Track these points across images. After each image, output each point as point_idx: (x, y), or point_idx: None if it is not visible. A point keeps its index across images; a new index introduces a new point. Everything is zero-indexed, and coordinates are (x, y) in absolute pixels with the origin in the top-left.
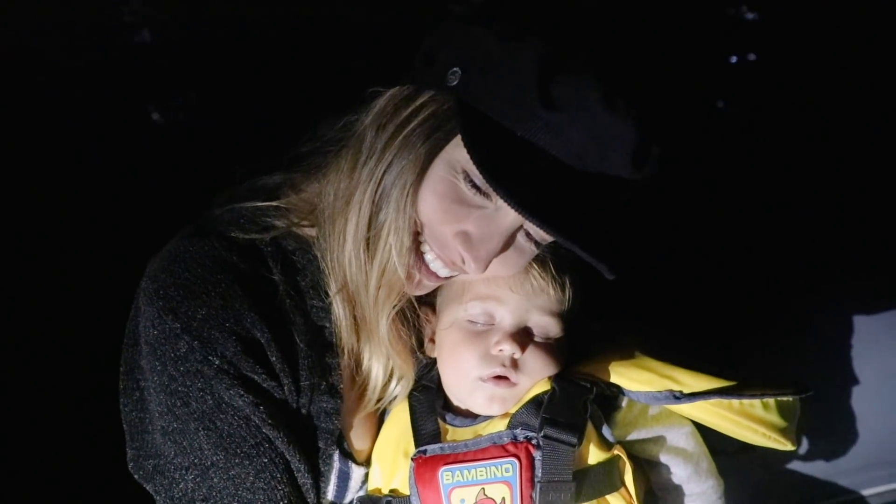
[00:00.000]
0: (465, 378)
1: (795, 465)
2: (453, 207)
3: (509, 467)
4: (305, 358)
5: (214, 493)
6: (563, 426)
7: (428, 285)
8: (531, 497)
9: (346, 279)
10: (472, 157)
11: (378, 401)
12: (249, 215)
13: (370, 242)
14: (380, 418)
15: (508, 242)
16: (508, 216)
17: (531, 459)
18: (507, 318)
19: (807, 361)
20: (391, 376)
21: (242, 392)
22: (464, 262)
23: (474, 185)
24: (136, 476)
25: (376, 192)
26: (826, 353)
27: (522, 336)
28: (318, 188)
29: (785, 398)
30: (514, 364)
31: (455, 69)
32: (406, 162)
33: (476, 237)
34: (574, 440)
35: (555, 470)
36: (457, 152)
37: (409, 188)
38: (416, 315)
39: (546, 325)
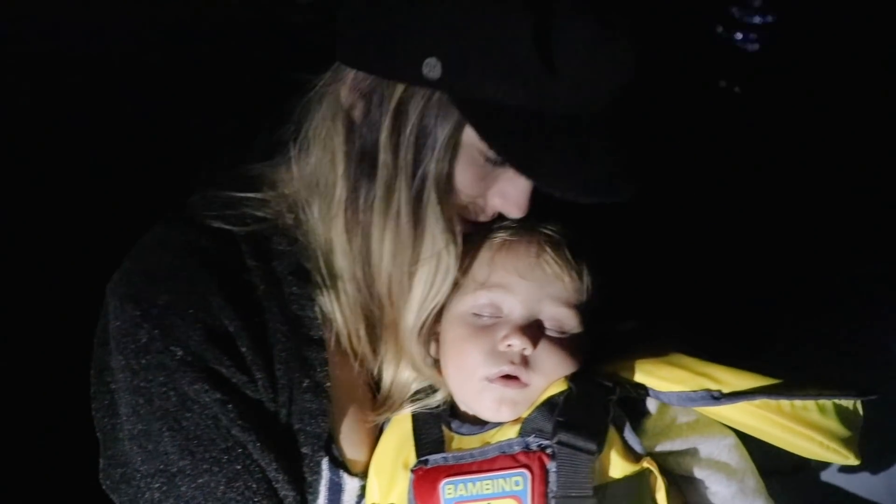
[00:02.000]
0: (470, 379)
1: (857, 486)
2: (480, 184)
3: (519, 480)
4: (283, 350)
5: None
6: (580, 430)
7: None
8: None
9: (366, 303)
10: (494, 148)
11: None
12: (225, 201)
13: (415, 265)
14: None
15: None
16: None
17: (545, 471)
18: (516, 309)
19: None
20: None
21: (208, 387)
22: (506, 214)
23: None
24: (104, 486)
25: (411, 212)
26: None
27: (534, 330)
28: (293, 182)
29: (845, 400)
30: (525, 361)
31: (430, 59)
32: (431, 166)
33: (512, 193)
34: (593, 447)
35: (572, 483)
36: (470, 138)
37: (443, 194)
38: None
39: (561, 317)
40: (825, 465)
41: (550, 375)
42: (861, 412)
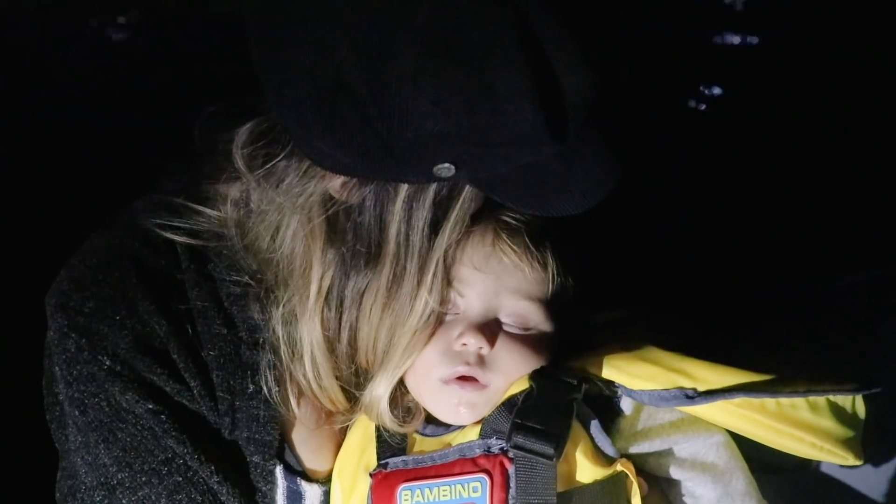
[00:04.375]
0: (426, 380)
1: (867, 484)
2: None
3: (478, 486)
4: (220, 356)
5: None
6: (537, 433)
7: None
8: None
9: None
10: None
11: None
12: (165, 206)
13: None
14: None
15: None
16: None
17: (506, 476)
18: (473, 304)
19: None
20: None
21: (139, 397)
22: None
23: None
24: (56, 498)
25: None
26: None
27: (493, 327)
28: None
29: (840, 396)
30: (482, 361)
31: (445, 165)
32: (440, 252)
33: None
34: (550, 451)
35: (532, 489)
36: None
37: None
38: None
39: (523, 311)
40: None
41: (511, 375)
42: (862, 408)
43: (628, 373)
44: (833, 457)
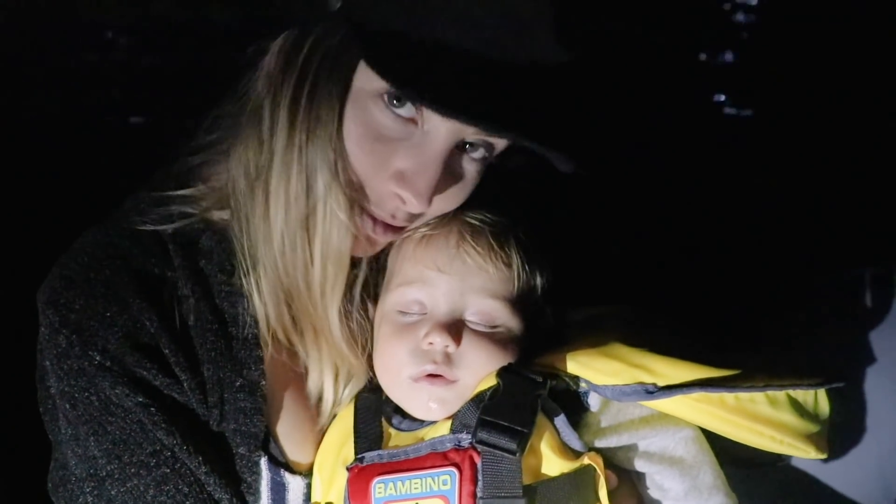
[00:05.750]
0: (396, 378)
1: (837, 479)
2: (376, 147)
3: (447, 479)
4: (212, 349)
5: None
6: (500, 429)
7: (380, 241)
8: None
9: (279, 271)
10: (376, 70)
11: (322, 403)
12: (153, 202)
13: (307, 225)
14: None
15: (449, 168)
16: (439, 135)
17: (474, 470)
18: (439, 304)
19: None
20: (337, 377)
21: (129, 391)
22: (404, 202)
23: (392, 112)
24: (48, 488)
25: (300, 163)
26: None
27: (458, 325)
28: (226, 172)
29: (800, 391)
30: (448, 359)
31: None
32: (320, 114)
33: (410, 171)
34: (513, 446)
35: (499, 483)
36: (362, 80)
37: (332, 147)
38: (366, 310)
39: (489, 310)
40: None
41: (479, 371)
42: (825, 403)
43: (593, 368)
44: (794, 450)
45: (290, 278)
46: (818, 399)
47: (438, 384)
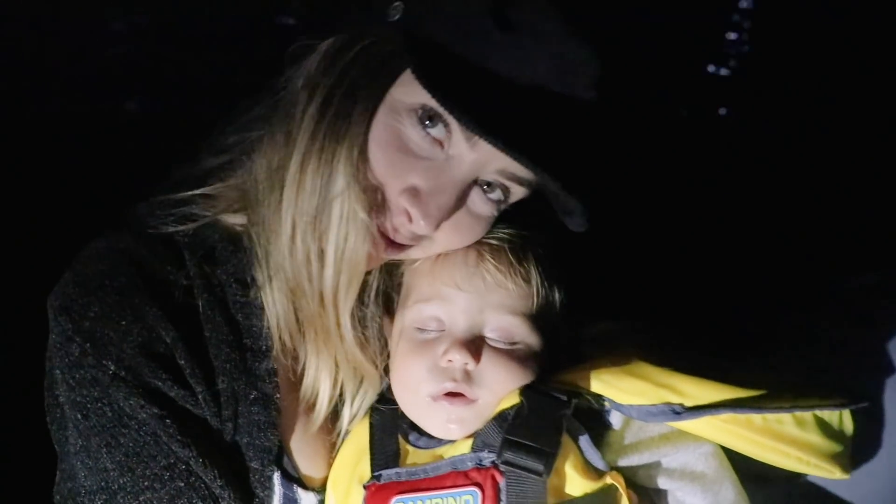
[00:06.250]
0: (415, 396)
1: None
2: (398, 157)
3: (469, 499)
4: (226, 361)
5: None
6: (527, 449)
7: (379, 255)
8: None
9: (289, 272)
10: (423, 83)
11: (337, 419)
12: (169, 206)
13: (319, 221)
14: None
15: (462, 200)
16: (462, 163)
17: (497, 489)
18: (458, 321)
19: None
20: (343, 389)
21: (144, 402)
22: (411, 220)
23: (422, 129)
24: (55, 500)
25: (320, 157)
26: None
27: (478, 343)
28: (248, 169)
29: (826, 411)
30: (469, 377)
31: (397, 3)
32: (351, 116)
33: (425, 190)
34: (540, 467)
35: (523, 503)
36: (401, 92)
37: (358, 146)
38: (379, 318)
39: (508, 326)
40: None
41: (499, 389)
42: (850, 423)
43: (617, 387)
44: (819, 471)
45: (299, 278)
46: (843, 419)
47: (458, 403)
